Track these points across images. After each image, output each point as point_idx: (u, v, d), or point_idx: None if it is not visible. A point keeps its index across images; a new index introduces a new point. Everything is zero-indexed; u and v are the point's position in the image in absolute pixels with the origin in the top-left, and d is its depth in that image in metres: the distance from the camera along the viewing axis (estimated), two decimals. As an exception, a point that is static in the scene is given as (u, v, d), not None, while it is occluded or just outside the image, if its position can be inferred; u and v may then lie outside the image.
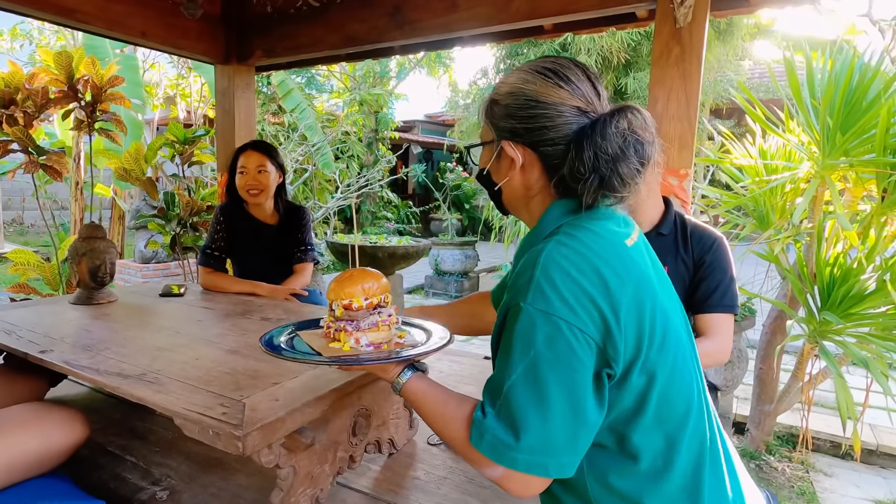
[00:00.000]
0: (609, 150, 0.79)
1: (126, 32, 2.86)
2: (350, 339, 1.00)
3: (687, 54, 1.94)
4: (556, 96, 0.83)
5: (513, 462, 0.75)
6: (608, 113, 0.82)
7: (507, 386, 0.76)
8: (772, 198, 2.27)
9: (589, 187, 0.80)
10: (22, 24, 9.27)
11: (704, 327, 1.51)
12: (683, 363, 0.83)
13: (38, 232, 11.44)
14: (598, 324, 0.74)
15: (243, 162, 2.33)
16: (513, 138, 0.87)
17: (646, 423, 0.78)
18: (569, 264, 0.77)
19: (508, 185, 0.91)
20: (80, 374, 1.33)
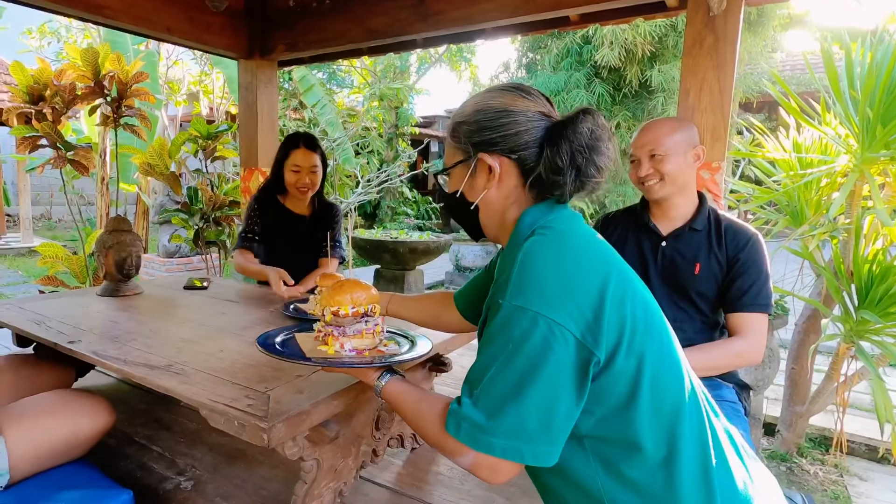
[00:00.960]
0: (583, 142, 0.86)
1: (152, 28, 2.89)
2: (336, 344, 1.07)
3: (721, 43, 1.88)
4: (522, 104, 0.91)
5: (489, 447, 0.78)
6: (574, 113, 0.89)
7: (486, 378, 0.80)
8: (806, 193, 2.19)
9: (567, 178, 0.87)
10: (50, 21, 9.47)
11: (737, 326, 1.46)
12: (669, 349, 0.85)
13: (65, 227, 11.71)
14: (574, 316, 0.77)
15: (297, 160, 2.31)
16: (489, 149, 0.92)
17: (643, 410, 0.79)
18: (544, 260, 0.81)
19: (486, 199, 0.95)
20: (108, 365, 1.34)
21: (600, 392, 0.80)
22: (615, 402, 0.80)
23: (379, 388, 1.01)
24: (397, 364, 1.06)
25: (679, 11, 2.44)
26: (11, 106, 3.62)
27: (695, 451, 0.81)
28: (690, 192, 1.56)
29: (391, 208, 9.78)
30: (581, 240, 0.87)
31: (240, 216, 4.49)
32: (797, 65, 9.07)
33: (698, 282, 1.52)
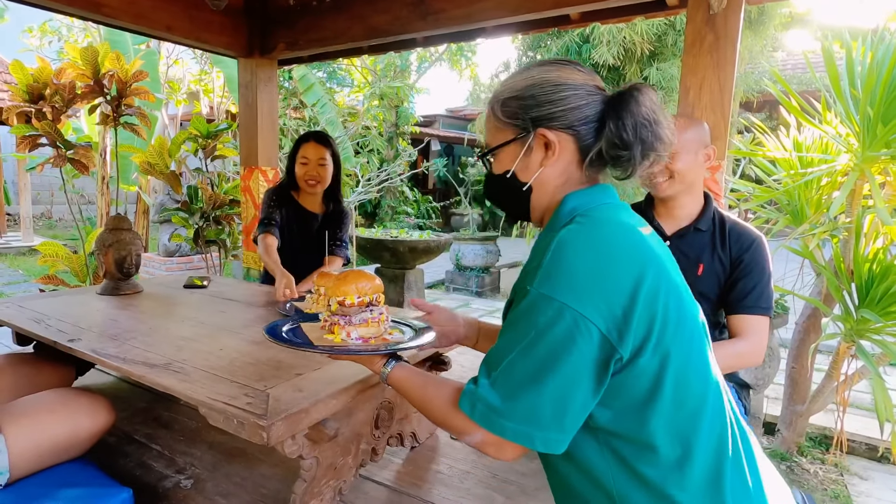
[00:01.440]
0: (647, 115, 0.84)
1: (151, 26, 2.88)
2: (342, 332, 1.08)
3: (721, 42, 1.88)
4: (580, 78, 0.88)
5: (501, 429, 0.79)
6: (631, 86, 0.87)
7: (506, 361, 0.80)
8: (807, 191, 2.19)
9: (634, 152, 0.85)
10: (51, 20, 9.46)
11: (739, 328, 1.46)
12: (700, 348, 0.83)
13: (65, 226, 11.71)
14: (602, 311, 0.76)
15: (305, 153, 2.37)
16: (548, 124, 0.88)
17: (664, 407, 0.78)
18: (580, 251, 0.79)
19: (540, 179, 0.91)
20: (108, 363, 1.34)
21: (620, 387, 0.79)
22: (634, 398, 0.79)
23: (385, 374, 1.01)
24: (402, 351, 1.07)
25: (679, 10, 2.44)
26: (11, 105, 3.62)
27: (710, 453, 0.80)
28: (697, 191, 1.56)
29: (391, 207, 9.77)
30: (620, 231, 0.84)
31: (239, 215, 4.48)
32: (798, 64, 9.06)
33: (701, 282, 1.52)
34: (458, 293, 6.55)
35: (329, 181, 2.44)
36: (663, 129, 0.87)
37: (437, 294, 6.54)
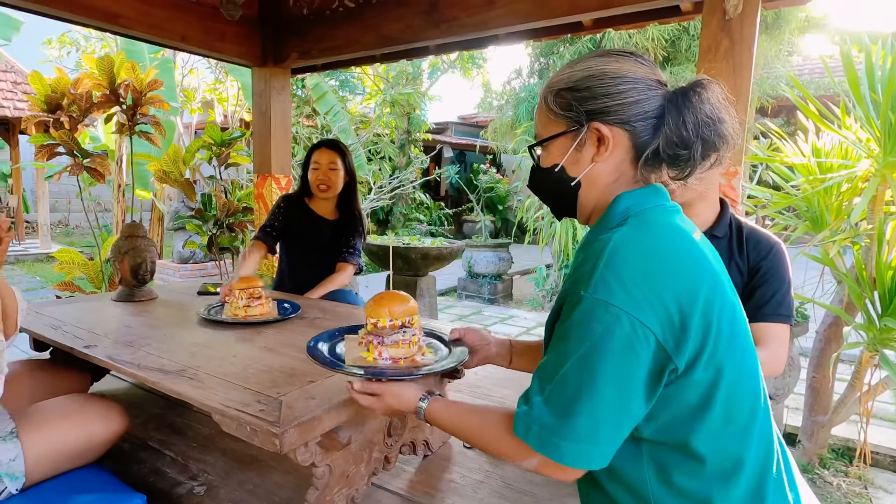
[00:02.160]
0: (709, 112, 0.80)
1: (166, 36, 2.92)
2: (374, 352, 1.14)
3: (737, 47, 1.86)
4: (640, 71, 0.84)
5: (559, 455, 0.75)
6: (694, 82, 0.83)
7: (560, 374, 0.76)
8: (826, 198, 2.15)
9: (694, 152, 0.81)
10: (69, 32, 9.65)
11: (758, 337, 1.43)
12: (751, 362, 0.81)
13: (82, 233, 11.88)
14: (661, 318, 0.73)
15: (317, 158, 2.43)
16: (604, 117, 0.84)
17: (713, 421, 0.76)
18: (637, 255, 0.76)
19: (591, 174, 0.87)
20: (123, 369, 1.34)
21: (670, 398, 0.77)
22: (683, 410, 0.77)
23: (422, 411, 0.98)
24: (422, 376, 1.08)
25: (694, 15, 2.42)
26: (30, 115, 3.69)
27: (755, 469, 0.78)
28: (712, 198, 1.54)
29: (403, 214, 9.79)
30: (676, 236, 0.81)
31: (253, 223, 4.52)
32: (815, 68, 8.95)
33: None
34: (471, 300, 6.53)
35: (340, 186, 2.47)
36: (727, 128, 0.82)
37: (450, 301, 6.53)
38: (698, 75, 0.85)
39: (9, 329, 1.30)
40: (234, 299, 1.83)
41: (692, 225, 0.88)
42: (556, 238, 5.15)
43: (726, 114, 0.82)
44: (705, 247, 0.84)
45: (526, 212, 5.60)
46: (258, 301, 1.82)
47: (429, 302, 4.17)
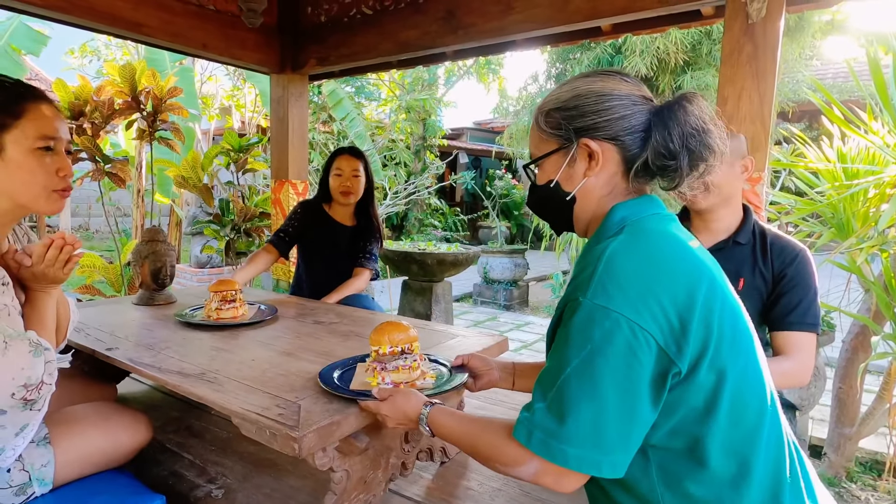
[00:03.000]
0: (694, 124, 0.83)
1: (188, 45, 2.96)
2: (378, 377, 1.23)
3: (760, 52, 1.83)
4: (625, 88, 0.88)
5: (563, 457, 0.75)
6: (680, 96, 0.86)
7: (561, 379, 0.76)
8: (853, 204, 2.10)
9: (681, 162, 0.83)
10: (91, 41, 9.87)
11: (784, 345, 1.40)
12: (755, 365, 0.81)
13: (102, 238, 12.08)
14: (660, 322, 0.74)
15: (339, 165, 2.44)
16: (592, 134, 0.87)
17: (720, 425, 0.76)
18: (634, 261, 0.78)
19: (584, 189, 0.90)
20: (144, 372, 1.36)
21: (675, 402, 0.77)
22: (688, 414, 0.77)
23: (424, 417, 1.00)
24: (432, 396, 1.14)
25: (715, 20, 2.40)
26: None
27: (767, 475, 0.77)
28: (735, 204, 1.51)
29: (418, 220, 9.81)
30: (671, 242, 0.83)
31: (270, 227, 4.56)
32: (839, 72, 8.81)
33: (742, 297, 1.44)
34: (486, 306, 6.51)
35: (361, 193, 2.48)
36: (713, 138, 0.84)
37: (465, 307, 6.51)
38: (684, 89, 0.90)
39: (60, 339, 1.32)
40: (208, 301, 1.89)
41: (688, 234, 0.89)
42: (573, 244, 5.12)
43: (712, 125, 0.85)
44: (702, 253, 0.86)
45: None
46: (231, 304, 1.86)
47: (444, 308, 4.16)
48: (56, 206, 1.18)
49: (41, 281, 1.21)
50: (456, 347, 1.60)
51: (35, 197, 1.15)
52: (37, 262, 1.17)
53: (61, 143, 1.18)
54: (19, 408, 1.06)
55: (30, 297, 1.22)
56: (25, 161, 1.12)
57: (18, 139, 1.12)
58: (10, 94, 1.13)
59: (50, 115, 1.16)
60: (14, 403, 1.05)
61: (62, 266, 1.19)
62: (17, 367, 1.05)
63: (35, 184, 1.14)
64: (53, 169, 1.16)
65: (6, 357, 1.03)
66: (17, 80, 1.18)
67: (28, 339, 1.08)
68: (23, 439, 1.11)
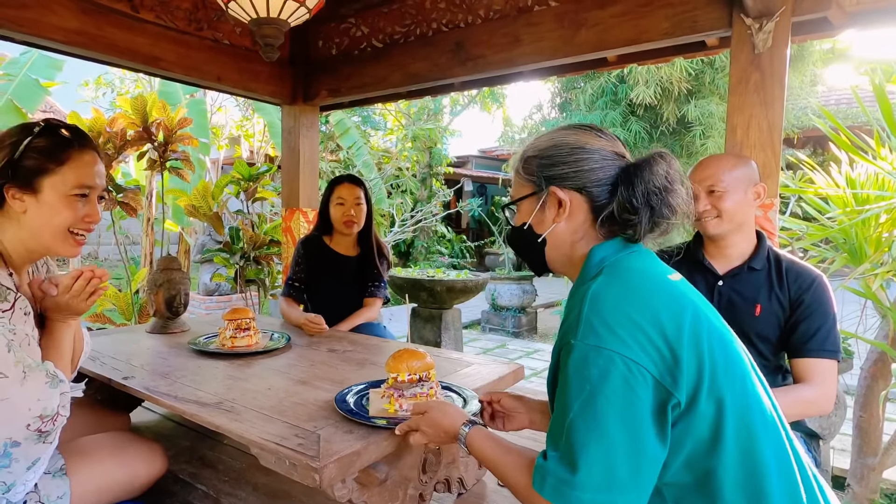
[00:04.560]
0: (658, 183, 0.87)
1: (203, 77, 3.04)
2: (396, 404, 1.25)
3: (768, 81, 1.86)
4: (597, 143, 0.93)
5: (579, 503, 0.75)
6: (649, 156, 0.91)
7: (567, 425, 0.78)
8: (865, 229, 2.10)
9: (641, 217, 0.87)
10: (106, 73, 10.11)
11: (804, 373, 1.38)
12: (753, 391, 0.82)
13: (111, 266, 12.15)
14: (651, 355, 0.76)
15: (341, 194, 2.39)
16: (561, 183, 0.93)
17: (729, 455, 0.76)
18: (616, 298, 0.80)
19: (554, 233, 0.96)
20: (161, 401, 1.35)
21: (681, 436, 0.77)
22: (697, 447, 0.77)
23: (463, 436, 1.01)
24: None
25: (719, 49, 2.44)
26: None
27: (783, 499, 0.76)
28: (749, 230, 1.52)
29: (425, 247, 9.84)
30: (651, 277, 0.86)
31: (279, 255, 4.58)
32: (841, 99, 8.92)
33: (759, 324, 1.45)
34: (494, 333, 6.46)
35: (364, 221, 2.44)
36: (676, 198, 0.89)
37: (473, 334, 6.47)
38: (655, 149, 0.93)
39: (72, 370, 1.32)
40: (223, 330, 1.89)
41: (666, 267, 0.92)
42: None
43: (678, 185, 0.89)
44: (683, 285, 0.88)
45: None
46: (245, 332, 1.87)
47: (454, 335, 4.14)
48: (73, 251, 1.21)
49: (63, 311, 1.22)
50: (472, 375, 1.59)
51: (55, 239, 1.18)
52: (62, 293, 1.19)
53: (96, 192, 1.22)
54: (33, 440, 1.06)
55: (49, 327, 1.23)
56: (58, 205, 1.16)
57: (56, 185, 1.15)
58: (59, 141, 1.16)
59: (91, 163, 1.20)
60: (29, 435, 1.05)
61: (86, 298, 1.20)
62: (34, 397, 1.05)
63: (61, 227, 1.17)
64: (82, 215, 1.19)
65: (24, 387, 1.04)
66: (74, 128, 1.22)
67: (45, 371, 1.09)
68: (33, 473, 1.10)
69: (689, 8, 2.04)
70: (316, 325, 2.09)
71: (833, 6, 1.83)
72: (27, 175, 1.13)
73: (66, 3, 2.33)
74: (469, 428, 1.01)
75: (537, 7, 2.51)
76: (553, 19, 2.44)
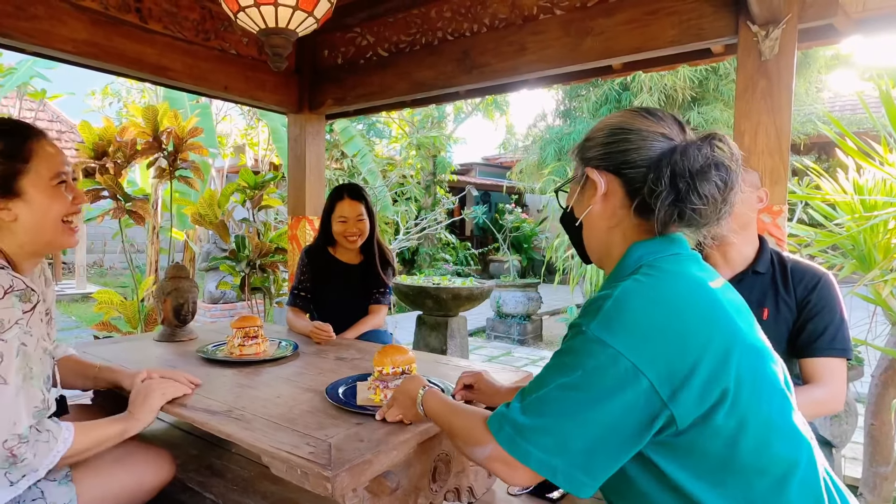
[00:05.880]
0: (688, 167, 0.80)
1: (210, 87, 3.06)
2: (381, 394, 1.39)
3: (775, 87, 1.86)
4: (641, 124, 0.89)
5: (525, 455, 0.78)
6: (694, 139, 0.86)
7: (545, 390, 0.80)
8: (873, 236, 2.09)
9: (663, 201, 0.81)
10: (112, 83, 10.20)
11: (813, 373, 1.37)
12: (782, 409, 0.80)
13: (116, 274, 12.20)
14: (658, 366, 0.74)
15: (343, 212, 2.38)
16: (597, 165, 0.91)
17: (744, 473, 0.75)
18: (643, 303, 0.78)
19: (590, 216, 0.93)
20: (171, 410, 1.35)
21: (691, 447, 0.76)
22: (709, 461, 0.76)
23: (420, 397, 1.12)
24: None
25: (724, 57, 2.45)
26: (77, 161, 3.88)
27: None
28: (751, 234, 1.52)
29: (429, 254, 9.84)
30: (689, 286, 0.82)
31: (284, 262, 4.59)
32: (846, 105, 8.94)
33: (766, 328, 1.43)
34: (500, 341, 6.45)
35: (367, 233, 2.44)
36: (708, 185, 0.80)
37: (479, 342, 6.45)
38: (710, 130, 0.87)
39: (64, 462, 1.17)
40: (231, 338, 1.90)
41: (712, 272, 0.89)
42: (587, 278, 5.10)
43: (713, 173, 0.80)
44: (725, 293, 0.84)
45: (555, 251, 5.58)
46: (253, 340, 1.89)
47: (460, 343, 4.13)
48: (71, 240, 1.23)
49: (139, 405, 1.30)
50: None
51: (56, 232, 1.20)
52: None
53: (69, 175, 1.23)
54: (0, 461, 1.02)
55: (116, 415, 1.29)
56: (46, 199, 1.17)
57: (35, 181, 1.16)
58: (16, 139, 1.16)
59: (54, 152, 1.21)
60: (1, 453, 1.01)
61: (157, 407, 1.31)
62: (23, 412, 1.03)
63: (57, 218, 1.19)
64: (69, 198, 1.22)
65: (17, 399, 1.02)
66: (16, 122, 1.22)
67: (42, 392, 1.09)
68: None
69: (695, 16, 2.05)
70: (324, 332, 2.09)
71: (839, 13, 1.83)
72: (3, 183, 1.13)
73: (77, 14, 2.36)
74: (425, 390, 1.13)
75: (543, 15, 2.52)
76: (559, 27, 2.45)
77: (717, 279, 0.87)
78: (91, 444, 1.19)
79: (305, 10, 1.80)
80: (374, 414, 1.27)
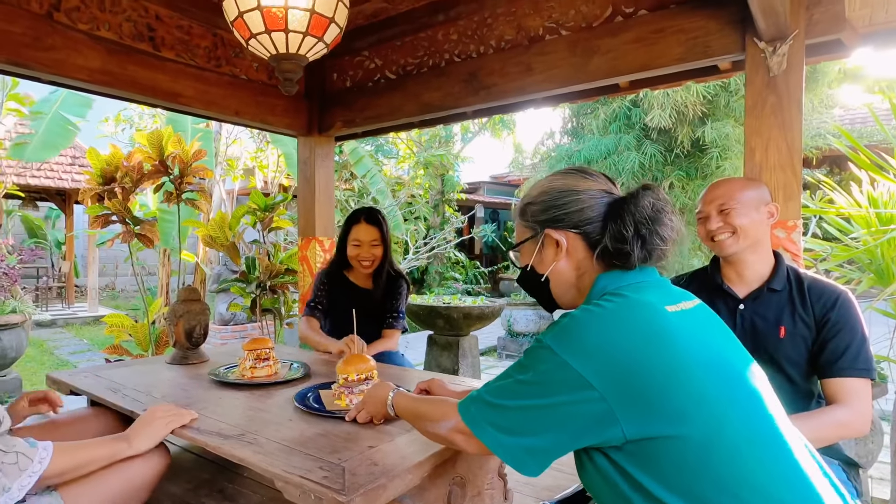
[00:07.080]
0: (645, 214, 0.94)
1: (222, 112, 3.11)
2: (347, 399, 1.55)
3: (785, 103, 1.86)
4: (584, 184, 1.02)
5: (482, 432, 0.93)
6: (635, 190, 0.98)
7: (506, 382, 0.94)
8: (890, 249, 2.06)
9: (633, 246, 0.94)
10: (125, 110, 10.40)
11: (836, 393, 1.34)
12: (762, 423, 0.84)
13: (127, 296, 12.29)
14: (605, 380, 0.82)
15: (358, 235, 2.38)
16: (555, 225, 1.02)
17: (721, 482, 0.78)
18: (597, 323, 0.87)
19: (555, 271, 1.03)
20: (183, 433, 1.34)
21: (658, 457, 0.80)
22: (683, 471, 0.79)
23: (391, 398, 1.27)
24: None
25: (732, 73, 2.45)
26: (86, 187, 3.95)
27: None
28: (765, 250, 1.50)
29: (439, 273, 9.83)
30: (643, 312, 0.89)
31: (295, 283, 4.60)
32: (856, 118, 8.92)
33: (785, 346, 1.42)
34: (511, 360, 6.38)
35: (381, 258, 2.44)
36: (665, 228, 0.96)
37: (490, 361, 6.40)
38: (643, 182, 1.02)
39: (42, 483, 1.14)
40: (243, 360, 1.91)
41: (678, 297, 0.96)
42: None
43: (665, 216, 0.96)
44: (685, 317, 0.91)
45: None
46: (265, 362, 1.90)
47: (471, 362, 4.09)
48: None
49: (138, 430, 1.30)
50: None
51: None
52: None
53: None
54: None
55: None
56: None
57: None
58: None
59: None
60: None
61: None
62: None
63: None
64: None
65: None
66: None
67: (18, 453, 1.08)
68: None
69: (701, 33, 2.06)
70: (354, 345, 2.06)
71: (846, 28, 1.84)
72: None
73: (92, 44, 2.41)
74: (394, 393, 1.28)
75: (549, 36, 2.55)
76: (565, 48, 2.47)
77: (681, 303, 0.95)
78: (75, 465, 1.17)
79: (315, 35, 1.83)
80: (344, 416, 1.41)
